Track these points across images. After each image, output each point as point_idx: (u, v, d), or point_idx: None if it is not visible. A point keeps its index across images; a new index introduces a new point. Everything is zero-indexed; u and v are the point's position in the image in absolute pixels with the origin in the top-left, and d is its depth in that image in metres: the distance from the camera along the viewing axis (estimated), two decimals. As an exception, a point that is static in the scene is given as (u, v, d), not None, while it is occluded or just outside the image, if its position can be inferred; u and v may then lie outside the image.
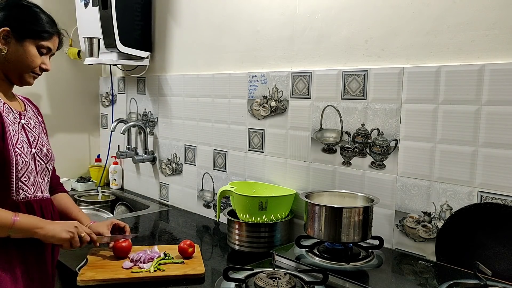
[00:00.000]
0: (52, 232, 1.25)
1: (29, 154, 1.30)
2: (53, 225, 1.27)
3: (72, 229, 1.29)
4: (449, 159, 1.32)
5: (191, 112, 2.17)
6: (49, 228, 1.25)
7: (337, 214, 1.35)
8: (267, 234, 1.58)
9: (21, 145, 1.27)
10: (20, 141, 1.27)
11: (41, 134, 1.41)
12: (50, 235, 1.25)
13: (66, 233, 1.27)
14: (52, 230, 1.25)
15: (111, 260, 1.45)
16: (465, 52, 1.28)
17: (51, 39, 1.32)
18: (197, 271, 1.38)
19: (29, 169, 1.30)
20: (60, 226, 1.28)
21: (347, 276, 1.25)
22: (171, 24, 2.25)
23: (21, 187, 1.27)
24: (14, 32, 1.26)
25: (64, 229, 1.27)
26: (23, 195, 1.28)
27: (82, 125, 2.82)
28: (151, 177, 2.47)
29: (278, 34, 1.75)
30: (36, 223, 1.24)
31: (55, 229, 1.26)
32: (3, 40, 1.26)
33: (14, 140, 1.26)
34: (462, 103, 1.28)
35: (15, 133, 1.28)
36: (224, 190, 1.68)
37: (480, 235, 1.25)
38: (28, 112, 1.40)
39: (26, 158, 1.28)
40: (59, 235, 1.26)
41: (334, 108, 1.58)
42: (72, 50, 2.62)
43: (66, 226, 1.29)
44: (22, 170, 1.27)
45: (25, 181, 1.28)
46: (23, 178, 1.28)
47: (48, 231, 1.24)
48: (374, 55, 1.47)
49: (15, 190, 1.26)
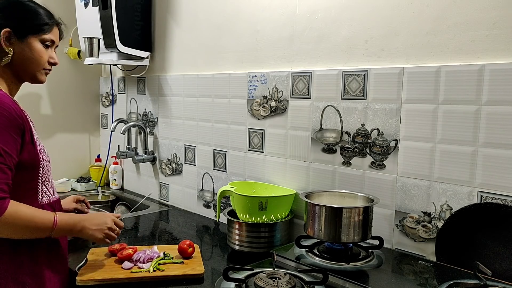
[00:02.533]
0: (87, 235, 1.29)
1: (46, 156, 1.30)
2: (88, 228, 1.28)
3: (106, 230, 1.32)
4: (449, 159, 1.32)
5: (191, 112, 2.17)
6: (85, 232, 1.28)
7: (337, 214, 1.35)
8: (267, 234, 1.58)
9: (43, 149, 1.28)
10: (41, 145, 1.28)
11: None
12: (86, 236, 1.29)
13: (101, 234, 1.31)
14: (87, 234, 1.29)
15: (110, 260, 1.45)
16: (465, 52, 1.28)
17: (52, 31, 1.31)
18: (196, 271, 1.38)
19: (49, 172, 1.31)
20: (96, 225, 1.30)
21: (347, 276, 1.25)
22: (171, 24, 2.25)
23: (44, 190, 1.28)
24: (15, 32, 1.24)
25: (98, 231, 1.30)
26: (46, 197, 1.29)
27: (82, 125, 2.82)
28: (151, 177, 2.47)
29: (278, 34, 1.75)
30: (73, 225, 1.26)
31: (89, 233, 1.29)
32: (7, 42, 1.24)
33: (39, 144, 1.26)
34: (462, 103, 1.28)
35: (37, 136, 1.28)
36: (224, 190, 1.68)
37: (480, 235, 1.25)
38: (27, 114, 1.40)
39: (48, 162, 1.30)
40: (94, 237, 1.30)
41: (334, 108, 1.58)
42: (72, 50, 2.62)
43: (102, 225, 1.31)
44: (45, 174, 1.28)
45: (47, 184, 1.29)
46: (45, 181, 1.29)
47: (84, 235, 1.29)
48: (374, 55, 1.47)
49: (41, 193, 1.27)
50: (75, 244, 1.59)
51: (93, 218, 1.32)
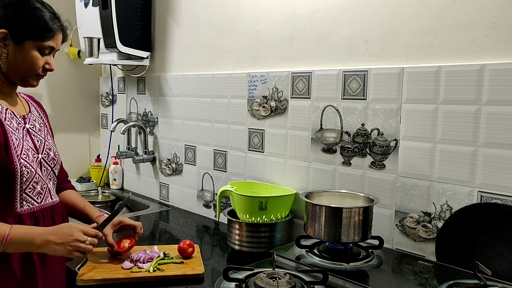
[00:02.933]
0: (51, 251, 1.17)
1: (35, 161, 1.25)
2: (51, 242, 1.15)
3: (72, 242, 1.18)
4: (449, 159, 1.32)
5: (191, 112, 2.17)
6: (48, 247, 1.16)
7: (337, 214, 1.35)
8: (267, 234, 1.58)
9: (26, 154, 1.22)
10: (25, 150, 1.22)
11: (46, 137, 1.36)
12: (51, 252, 1.17)
13: (66, 248, 1.17)
14: (51, 249, 1.16)
15: (110, 260, 1.45)
16: (465, 52, 1.28)
17: (53, 38, 1.23)
18: (196, 271, 1.38)
19: (35, 179, 1.25)
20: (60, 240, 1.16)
21: (347, 276, 1.25)
22: (171, 24, 2.25)
23: (25, 198, 1.23)
24: (13, 34, 1.18)
25: (64, 245, 1.17)
26: (27, 206, 1.24)
27: (82, 125, 2.82)
28: (151, 177, 2.47)
29: (278, 34, 1.75)
30: (32, 240, 1.14)
31: (54, 248, 1.16)
32: (2, 43, 1.18)
33: (19, 150, 1.20)
34: (462, 103, 1.28)
35: (19, 141, 1.22)
36: (224, 190, 1.68)
37: (480, 235, 1.25)
38: (32, 114, 1.35)
39: (32, 168, 1.23)
40: (60, 252, 1.18)
41: (334, 108, 1.58)
42: (72, 50, 2.62)
43: (66, 238, 1.17)
44: (27, 181, 1.22)
45: (29, 192, 1.24)
46: (27, 189, 1.23)
47: (47, 250, 1.17)
48: (374, 55, 1.47)
49: (19, 202, 1.22)
50: None
51: (58, 230, 1.18)
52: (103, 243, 1.57)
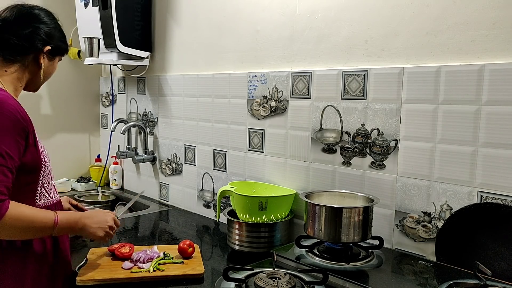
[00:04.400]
0: (88, 233, 1.28)
1: (47, 157, 1.30)
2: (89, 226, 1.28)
3: (107, 228, 1.31)
4: (449, 159, 1.32)
5: (191, 112, 2.17)
6: (86, 230, 1.27)
7: (337, 214, 1.35)
8: (267, 234, 1.58)
9: (44, 150, 1.28)
10: (42, 147, 1.27)
11: None
12: (87, 234, 1.28)
13: (102, 232, 1.30)
14: (88, 232, 1.28)
15: (110, 260, 1.45)
16: (465, 52, 1.28)
17: None
18: (196, 271, 1.38)
19: (50, 174, 1.31)
20: (97, 223, 1.30)
21: (347, 276, 1.25)
22: (171, 24, 2.25)
23: (43, 192, 1.27)
24: (51, 50, 1.30)
25: (100, 229, 1.29)
26: (44, 200, 1.28)
27: (82, 125, 2.82)
28: (151, 177, 2.47)
29: (278, 34, 1.75)
30: (75, 223, 1.25)
31: (90, 231, 1.28)
32: (45, 57, 1.30)
33: (41, 146, 1.26)
34: (462, 103, 1.28)
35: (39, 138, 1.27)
36: (224, 190, 1.68)
37: (480, 235, 1.25)
38: None
39: (49, 163, 1.29)
40: (95, 235, 1.29)
41: (334, 108, 1.58)
42: (72, 50, 2.62)
43: (103, 223, 1.31)
44: (46, 176, 1.27)
45: (46, 186, 1.28)
46: (45, 184, 1.28)
47: (85, 233, 1.28)
48: (374, 55, 1.47)
49: (39, 196, 1.26)
50: (74, 242, 1.59)
51: (94, 215, 1.31)
52: (103, 243, 1.58)
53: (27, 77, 1.31)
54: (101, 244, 1.49)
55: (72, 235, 1.40)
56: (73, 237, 1.59)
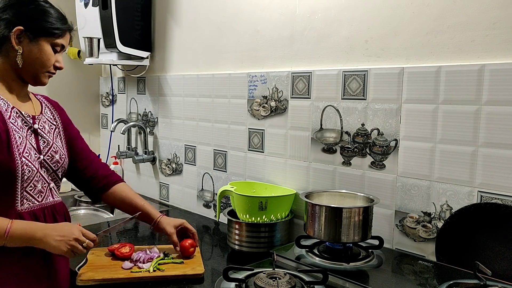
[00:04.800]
0: (50, 246, 1.17)
1: (36, 161, 1.25)
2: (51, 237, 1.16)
3: (71, 241, 1.18)
4: (449, 159, 1.32)
5: (191, 112, 2.17)
6: (47, 242, 1.16)
7: (337, 214, 1.35)
8: (267, 234, 1.58)
9: (28, 153, 1.22)
10: (27, 149, 1.22)
11: (55, 139, 1.35)
12: (49, 249, 1.18)
13: (65, 246, 1.17)
14: (50, 245, 1.16)
15: (110, 260, 1.45)
16: (465, 52, 1.28)
17: (64, 36, 1.28)
18: (196, 271, 1.38)
19: (36, 178, 1.25)
20: (60, 237, 1.17)
21: (347, 276, 1.25)
22: (171, 24, 2.25)
23: (26, 197, 1.23)
24: (28, 31, 1.21)
25: (63, 242, 1.17)
26: (27, 204, 1.23)
27: (82, 125, 2.81)
28: (151, 177, 2.47)
29: (278, 34, 1.75)
30: (32, 234, 1.15)
31: (53, 244, 1.16)
32: (17, 40, 1.21)
33: (21, 148, 1.20)
34: (462, 103, 1.28)
35: (22, 140, 1.22)
36: (224, 190, 1.68)
37: (480, 235, 1.25)
38: (44, 115, 1.35)
39: (34, 167, 1.23)
40: (58, 249, 1.17)
41: (334, 108, 1.58)
42: (72, 50, 2.62)
43: (67, 236, 1.18)
44: (28, 180, 1.22)
45: (30, 190, 1.24)
46: (28, 187, 1.23)
47: (46, 245, 1.17)
48: (374, 55, 1.47)
49: (20, 200, 1.22)
50: None
51: (59, 227, 1.20)
52: (104, 244, 1.58)
53: (12, 67, 1.24)
54: (101, 244, 1.49)
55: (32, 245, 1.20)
56: None
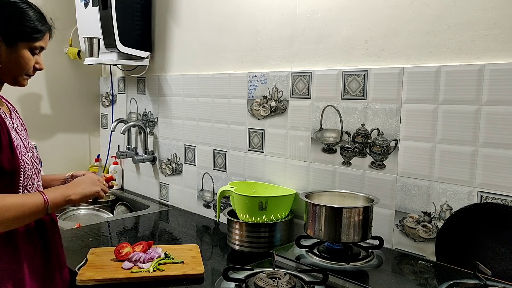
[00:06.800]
0: (83, 193, 1.28)
1: (28, 158, 1.26)
2: (80, 187, 1.28)
3: (97, 182, 1.33)
4: (449, 159, 1.32)
5: (191, 112, 2.17)
6: (78, 191, 1.27)
7: (337, 214, 1.35)
8: (267, 234, 1.58)
9: (24, 151, 1.24)
10: (21, 147, 1.23)
11: (27, 137, 1.35)
12: (86, 197, 1.29)
13: (97, 187, 1.32)
14: (82, 191, 1.28)
15: (110, 260, 1.45)
16: (465, 52, 1.28)
17: (43, 38, 1.24)
18: (196, 271, 1.38)
19: (33, 175, 1.27)
20: (86, 184, 1.30)
21: (347, 276, 1.25)
22: (171, 24, 2.25)
23: None
24: (5, 36, 1.17)
25: (92, 186, 1.31)
26: None
27: (82, 125, 2.82)
28: (151, 177, 2.47)
29: (278, 34, 1.75)
30: (66, 194, 1.24)
31: (84, 189, 1.29)
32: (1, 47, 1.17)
33: (18, 147, 1.21)
34: (462, 103, 1.28)
35: (16, 139, 1.23)
36: (224, 190, 1.68)
37: (480, 235, 1.25)
38: (13, 114, 1.34)
39: (30, 165, 1.25)
40: (92, 193, 1.30)
41: (334, 108, 1.58)
42: (72, 50, 2.62)
43: (92, 181, 1.32)
44: (28, 177, 1.24)
45: (29, 188, 1.25)
46: (28, 185, 1.24)
47: (82, 196, 1.27)
48: (374, 55, 1.47)
49: None
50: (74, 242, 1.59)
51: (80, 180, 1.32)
52: (104, 244, 1.58)
53: None
54: (101, 244, 1.49)
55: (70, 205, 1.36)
56: None
